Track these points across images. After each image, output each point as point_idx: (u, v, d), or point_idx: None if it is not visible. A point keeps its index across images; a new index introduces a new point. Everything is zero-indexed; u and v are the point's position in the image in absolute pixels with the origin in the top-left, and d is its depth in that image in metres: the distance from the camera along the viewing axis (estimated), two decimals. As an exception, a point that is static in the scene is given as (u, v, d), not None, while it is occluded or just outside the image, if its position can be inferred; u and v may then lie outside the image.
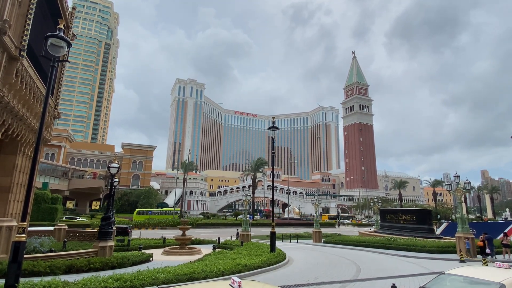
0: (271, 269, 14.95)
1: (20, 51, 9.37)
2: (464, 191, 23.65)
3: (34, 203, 30.43)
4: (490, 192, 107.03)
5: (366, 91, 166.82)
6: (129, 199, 72.20)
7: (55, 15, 12.74)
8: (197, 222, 48.41)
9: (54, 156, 75.63)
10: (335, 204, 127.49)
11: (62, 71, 15.21)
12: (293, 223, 61.99)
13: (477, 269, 7.08)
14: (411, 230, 31.54)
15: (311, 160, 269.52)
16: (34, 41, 10.45)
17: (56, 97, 14.74)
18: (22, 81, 10.09)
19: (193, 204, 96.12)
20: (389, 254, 22.87)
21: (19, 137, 12.03)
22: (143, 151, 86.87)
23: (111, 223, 15.59)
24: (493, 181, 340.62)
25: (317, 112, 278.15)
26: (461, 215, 22.27)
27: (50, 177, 61.73)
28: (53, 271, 11.76)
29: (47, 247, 15.18)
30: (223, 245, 22.60)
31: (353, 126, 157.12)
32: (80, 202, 75.89)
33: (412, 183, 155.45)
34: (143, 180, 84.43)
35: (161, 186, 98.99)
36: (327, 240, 31.09)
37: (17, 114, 10.85)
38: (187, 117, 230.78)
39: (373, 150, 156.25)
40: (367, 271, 15.51)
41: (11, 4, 8.99)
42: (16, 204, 12.63)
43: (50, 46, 7.85)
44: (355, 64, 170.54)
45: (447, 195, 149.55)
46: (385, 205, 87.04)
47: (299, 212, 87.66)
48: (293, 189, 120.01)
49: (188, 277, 11.09)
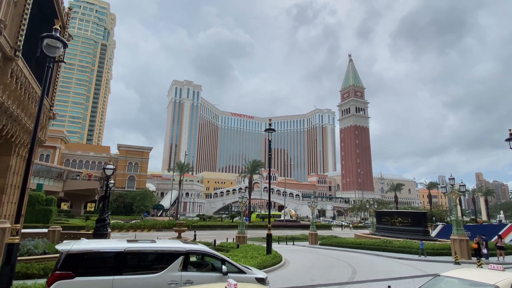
0: (267, 271, 14.92)
1: (15, 51, 9.30)
2: (459, 194, 23.85)
3: (28, 204, 30.09)
4: (485, 195, 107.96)
5: (363, 93, 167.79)
6: (124, 200, 71.72)
7: (51, 16, 12.67)
8: (193, 224, 48.20)
9: (49, 157, 75.02)
10: (331, 206, 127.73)
11: (57, 71, 15.12)
12: (290, 225, 61.98)
13: (471, 271, 7.13)
14: (407, 232, 31.69)
15: (308, 162, 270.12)
16: (29, 41, 10.38)
17: (52, 98, 14.63)
18: (17, 82, 10.01)
19: (189, 206, 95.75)
20: (385, 256, 22.97)
21: (13, 138, 11.92)
22: (139, 153, 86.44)
23: (106, 225, 15.49)
24: (488, 184, 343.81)
25: (313, 114, 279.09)
26: (456, 218, 22.44)
27: (44, 178, 61.18)
28: (47, 273, 11.61)
29: (41, 249, 15.01)
30: (219, 247, 22.51)
31: (349, 128, 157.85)
32: (75, 204, 75.25)
33: (408, 186, 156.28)
34: (138, 181, 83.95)
35: (157, 188, 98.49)
36: (323, 242, 31.15)
37: (12, 114, 10.76)
38: (184, 118, 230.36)
39: (369, 153, 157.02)
40: (362, 273, 15.54)
41: (7, 4, 8.93)
42: (10, 206, 12.49)
43: (46, 47, 7.81)
44: (352, 66, 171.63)
45: (442, 198, 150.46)
46: (380, 207, 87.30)
47: (296, 214, 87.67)
48: (289, 191, 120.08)
49: (183, 280, 11.01)
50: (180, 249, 7.97)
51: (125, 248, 7.39)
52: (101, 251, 7.35)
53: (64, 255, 6.83)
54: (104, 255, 7.35)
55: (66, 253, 6.83)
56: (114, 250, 7.37)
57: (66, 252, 6.84)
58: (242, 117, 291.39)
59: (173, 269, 7.54)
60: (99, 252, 7.32)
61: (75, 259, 6.89)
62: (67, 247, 7.01)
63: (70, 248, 6.93)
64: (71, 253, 6.87)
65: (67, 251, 6.84)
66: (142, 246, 7.79)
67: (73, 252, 6.90)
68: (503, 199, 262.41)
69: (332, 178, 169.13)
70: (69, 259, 6.82)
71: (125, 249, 7.38)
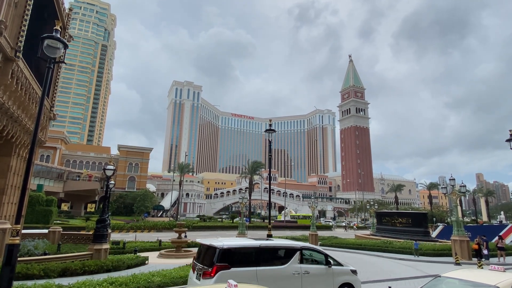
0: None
1: (16, 52, 9.31)
2: (459, 194, 23.83)
3: (29, 205, 30.10)
4: (486, 195, 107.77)
5: (363, 94, 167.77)
6: (124, 201, 71.68)
7: (51, 17, 12.69)
8: (193, 225, 48.16)
9: (49, 158, 75.01)
10: (332, 207, 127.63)
11: (58, 72, 15.14)
12: (290, 226, 61.94)
13: (472, 272, 7.11)
14: (407, 233, 31.66)
15: (308, 162, 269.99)
16: (30, 42, 10.39)
17: (52, 98, 14.65)
18: (17, 82, 10.02)
19: (190, 207, 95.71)
20: (385, 257, 22.94)
21: (14, 139, 11.93)
22: (139, 153, 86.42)
23: (106, 225, 15.48)
24: (488, 184, 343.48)
25: (314, 115, 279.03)
26: (457, 218, 22.41)
27: (45, 179, 61.19)
28: (47, 274, 11.63)
29: (41, 250, 15.01)
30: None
31: (349, 129, 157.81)
32: (75, 204, 75.25)
33: (408, 186, 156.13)
34: (139, 182, 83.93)
35: (157, 189, 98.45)
36: (323, 243, 31.07)
37: (12, 115, 10.77)
38: (184, 119, 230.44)
39: (369, 153, 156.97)
40: (363, 274, 15.49)
41: (7, 5, 8.95)
42: (10, 206, 12.49)
43: (46, 47, 7.81)
44: (352, 67, 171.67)
45: (443, 198, 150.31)
46: (381, 208, 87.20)
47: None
48: (289, 191, 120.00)
49: (183, 280, 11.02)
50: (296, 245, 9.48)
51: (259, 245, 8.88)
52: (245, 247, 8.86)
53: (220, 250, 8.04)
54: (247, 250, 8.81)
55: (221, 248, 8.06)
56: (253, 246, 8.87)
57: (221, 247, 8.07)
58: (243, 118, 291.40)
59: (294, 262, 8.96)
60: (244, 247, 8.81)
61: (229, 253, 8.17)
62: (220, 243, 8.25)
63: (223, 244, 8.18)
64: (225, 248, 8.11)
65: (222, 247, 8.07)
66: (270, 243, 9.32)
67: (226, 248, 8.14)
68: (504, 200, 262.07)
69: (333, 178, 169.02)
70: (225, 253, 8.06)
71: (260, 245, 8.86)
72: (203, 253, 8.68)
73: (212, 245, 8.31)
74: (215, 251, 8.12)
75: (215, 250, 8.16)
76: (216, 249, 8.15)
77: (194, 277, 8.38)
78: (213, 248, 8.26)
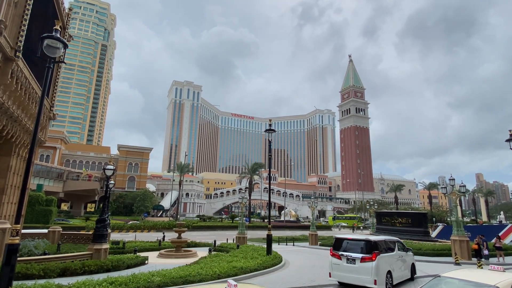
0: (267, 272, 14.91)
1: (16, 51, 9.30)
2: (459, 194, 23.81)
3: (28, 205, 30.09)
4: (485, 195, 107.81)
5: (363, 94, 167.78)
6: (124, 201, 71.66)
7: (51, 16, 12.68)
8: (193, 225, 48.14)
9: (49, 158, 74.98)
10: (332, 206, 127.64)
11: (58, 72, 15.13)
12: (290, 226, 61.93)
13: (472, 272, 7.12)
14: (407, 233, 31.68)
15: (308, 162, 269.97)
16: (30, 42, 10.39)
17: (52, 98, 14.63)
18: (17, 82, 10.01)
19: (189, 207, 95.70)
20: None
21: (13, 139, 11.92)
22: (139, 153, 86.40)
23: (106, 225, 15.47)
24: (488, 184, 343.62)
25: (314, 115, 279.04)
26: (456, 218, 22.40)
27: (44, 178, 61.16)
28: (47, 274, 11.63)
29: (41, 250, 15.01)
30: (219, 248, 22.49)
31: (349, 129, 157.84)
32: (75, 204, 75.23)
33: (408, 186, 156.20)
34: (139, 182, 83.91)
35: (157, 189, 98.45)
36: (323, 243, 31.06)
37: (12, 115, 10.76)
38: (184, 119, 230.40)
39: (369, 153, 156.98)
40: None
41: (7, 5, 8.94)
42: (10, 206, 12.48)
43: (46, 47, 7.80)
44: (352, 67, 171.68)
45: (443, 198, 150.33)
46: (381, 208, 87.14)
47: (296, 215, 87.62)
48: (289, 191, 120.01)
49: (183, 280, 11.02)
50: (394, 239, 13.95)
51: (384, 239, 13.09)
52: (381, 240, 12.52)
53: (372, 242, 11.75)
54: (381, 242, 12.32)
55: (374, 241, 11.87)
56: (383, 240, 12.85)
57: (374, 241, 11.91)
58: (243, 118, 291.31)
59: (396, 249, 13.19)
60: (380, 241, 12.41)
61: (375, 244, 11.74)
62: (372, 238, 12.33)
63: (374, 238, 12.27)
64: (372, 240, 11.88)
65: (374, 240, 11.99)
66: (388, 238, 13.70)
67: (373, 240, 11.91)
68: (504, 200, 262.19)
69: (332, 178, 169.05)
70: (374, 244, 11.69)
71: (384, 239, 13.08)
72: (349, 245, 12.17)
73: (367, 239, 11.99)
74: (370, 243, 11.68)
75: (370, 242, 11.72)
76: (370, 242, 11.74)
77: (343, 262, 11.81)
78: (368, 241, 11.84)
